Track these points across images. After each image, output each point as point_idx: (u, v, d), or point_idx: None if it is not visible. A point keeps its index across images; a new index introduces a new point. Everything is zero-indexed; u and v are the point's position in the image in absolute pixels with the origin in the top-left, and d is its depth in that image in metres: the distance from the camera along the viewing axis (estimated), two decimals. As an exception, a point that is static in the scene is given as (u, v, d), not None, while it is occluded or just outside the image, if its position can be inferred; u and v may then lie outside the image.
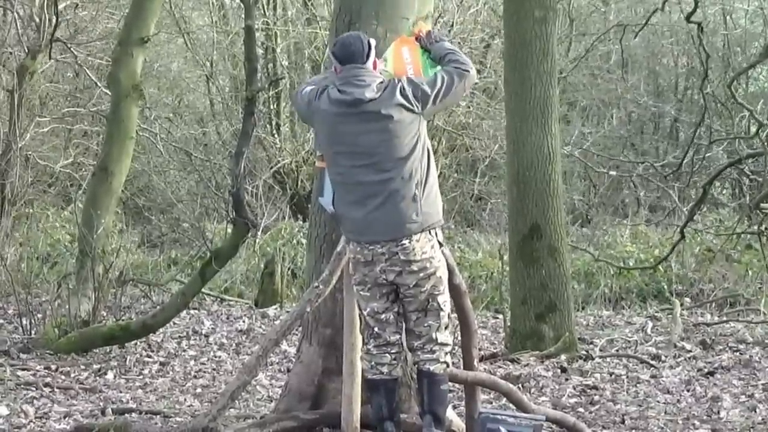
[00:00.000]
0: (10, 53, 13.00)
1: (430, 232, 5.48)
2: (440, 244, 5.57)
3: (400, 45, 5.66)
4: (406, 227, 5.40)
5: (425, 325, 5.55)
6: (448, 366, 5.63)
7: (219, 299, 11.99)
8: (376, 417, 5.62)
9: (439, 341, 5.57)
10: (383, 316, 5.55)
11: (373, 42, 5.54)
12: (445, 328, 5.60)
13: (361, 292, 5.56)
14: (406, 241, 5.41)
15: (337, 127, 5.44)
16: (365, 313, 5.57)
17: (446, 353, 5.61)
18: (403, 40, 5.74)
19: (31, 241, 13.15)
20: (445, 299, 5.59)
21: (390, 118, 5.36)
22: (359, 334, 5.71)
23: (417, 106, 5.40)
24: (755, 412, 7.20)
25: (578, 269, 12.49)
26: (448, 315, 5.64)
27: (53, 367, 8.40)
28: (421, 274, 5.46)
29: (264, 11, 16.02)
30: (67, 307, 9.19)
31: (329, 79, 5.61)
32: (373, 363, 5.59)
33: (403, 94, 5.38)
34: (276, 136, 16.35)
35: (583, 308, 11.65)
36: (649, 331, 10.20)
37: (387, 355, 5.59)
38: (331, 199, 5.67)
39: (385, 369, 5.58)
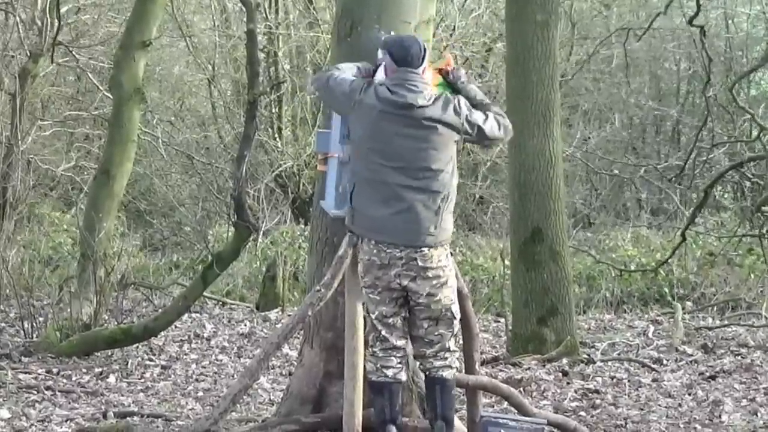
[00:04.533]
0: (12, 56, 13.01)
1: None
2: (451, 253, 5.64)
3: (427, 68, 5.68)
4: (422, 238, 5.45)
5: (437, 333, 5.58)
6: (457, 371, 5.69)
7: (221, 303, 12.00)
8: (379, 420, 5.61)
9: (450, 349, 5.63)
10: (391, 320, 5.56)
11: (428, 46, 5.59)
12: (454, 335, 5.66)
13: (371, 295, 5.56)
14: (425, 248, 5.46)
15: (378, 125, 5.43)
16: (373, 316, 5.58)
17: (456, 359, 5.67)
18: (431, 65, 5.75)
19: (32, 245, 13.16)
20: (456, 308, 5.63)
21: (434, 130, 5.41)
22: (361, 337, 5.72)
23: (463, 128, 5.47)
24: (757, 416, 7.19)
25: (580, 273, 12.49)
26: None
27: (55, 370, 8.40)
28: (434, 282, 5.49)
29: (266, 15, 16.03)
30: (68, 310, 9.19)
31: (362, 72, 5.61)
32: (378, 365, 5.59)
33: (456, 111, 5.45)
34: (278, 139, 16.35)
35: (584, 312, 11.65)
36: (650, 334, 10.20)
37: (393, 358, 5.59)
38: (334, 200, 5.68)
39: (390, 372, 5.58)
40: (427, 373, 5.63)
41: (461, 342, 6.05)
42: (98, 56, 14.91)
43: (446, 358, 5.60)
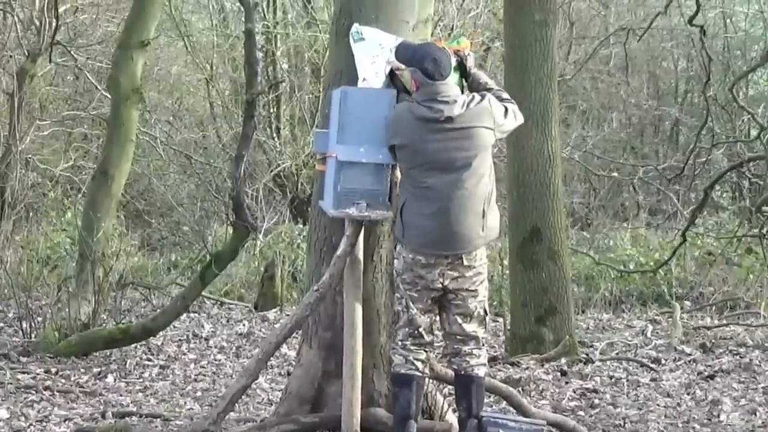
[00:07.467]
0: (11, 56, 13.02)
1: None
2: None
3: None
4: (473, 243, 5.55)
5: (472, 331, 5.66)
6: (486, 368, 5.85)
7: (219, 302, 11.99)
8: (401, 414, 5.62)
9: (483, 346, 5.72)
10: (425, 317, 5.64)
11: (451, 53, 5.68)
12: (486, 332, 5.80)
13: (409, 292, 5.62)
14: (473, 250, 5.58)
15: (420, 143, 5.51)
16: (410, 312, 5.62)
17: (486, 356, 5.79)
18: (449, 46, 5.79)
19: (31, 245, 13.14)
20: (487, 305, 5.74)
21: (474, 135, 5.53)
22: (360, 336, 5.72)
23: (496, 125, 5.61)
24: (755, 415, 7.19)
25: (578, 272, 12.49)
26: None
27: (53, 370, 8.39)
28: (475, 279, 5.61)
29: (264, 14, 16.04)
30: (67, 310, 9.17)
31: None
32: (410, 358, 5.63)
33: (488, 112, 5.58)
34: (276, 139, 16.35)
35: (583, 311, 11.64)
36: (649, 334, 10.20)
37: (423, 352, 5.65)
38: (332, 199, 5.67)
39: (420, 365, 5.64)
40: (462, 372, 5.69)
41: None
42: (96, 56, 14.92)
43: (480, 356, 5.69)
